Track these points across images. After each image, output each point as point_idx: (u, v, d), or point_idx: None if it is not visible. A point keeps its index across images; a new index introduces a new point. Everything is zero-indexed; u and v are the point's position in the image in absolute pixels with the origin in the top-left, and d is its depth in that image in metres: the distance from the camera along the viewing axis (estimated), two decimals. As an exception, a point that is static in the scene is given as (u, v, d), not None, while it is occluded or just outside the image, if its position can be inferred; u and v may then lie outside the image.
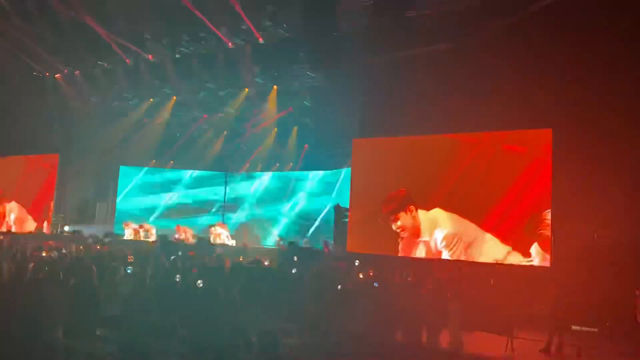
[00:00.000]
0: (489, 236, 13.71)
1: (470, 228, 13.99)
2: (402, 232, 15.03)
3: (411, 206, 15.02)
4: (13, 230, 21.96)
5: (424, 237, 14.71)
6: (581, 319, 10.19)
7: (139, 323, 6.65)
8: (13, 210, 22.78)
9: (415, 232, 14.87)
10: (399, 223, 15.08)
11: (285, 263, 13.26)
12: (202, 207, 22.74)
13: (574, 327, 10.00)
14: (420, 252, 14.70)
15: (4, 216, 22.88)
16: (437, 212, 14.64)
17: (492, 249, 13.60)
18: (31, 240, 15.89)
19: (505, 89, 13.03)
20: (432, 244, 14.54)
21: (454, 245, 14.10)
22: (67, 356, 5.46)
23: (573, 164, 12.48)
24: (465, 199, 14.27)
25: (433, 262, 13.95)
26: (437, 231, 14.49)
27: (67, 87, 19.86)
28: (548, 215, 12.96)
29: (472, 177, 14.30)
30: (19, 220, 22.48)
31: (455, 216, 14.27)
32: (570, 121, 12.53)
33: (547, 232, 12.86)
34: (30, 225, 21.90)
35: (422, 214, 14.91)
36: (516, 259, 13.17)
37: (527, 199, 13.42)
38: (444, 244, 14.25)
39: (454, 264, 13.56)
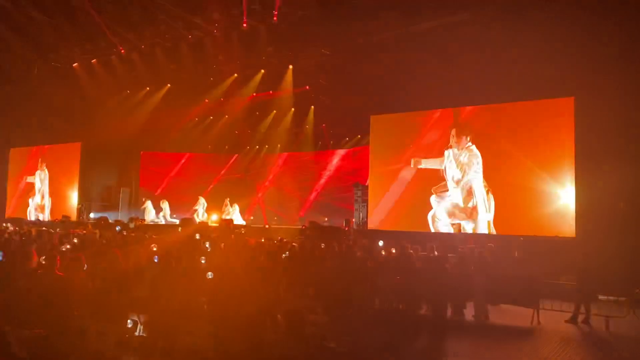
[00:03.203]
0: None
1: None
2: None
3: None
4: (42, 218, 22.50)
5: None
6: (608, 288, 10.08)
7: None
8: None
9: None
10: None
11: (307, 242, 13.33)
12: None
13: (601, 297, 9.91)
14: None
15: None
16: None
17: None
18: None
19: (526, 58, 12.79)
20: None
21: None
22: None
23: (596, 131, 12.26)
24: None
25: (456, 237, 13.93)
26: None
27: (85, 75, 20.02)
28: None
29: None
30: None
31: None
32: (592, 89, 12.26)
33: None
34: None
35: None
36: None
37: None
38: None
39: (478, 238, 13.52)
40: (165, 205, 21.01)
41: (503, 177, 14.09)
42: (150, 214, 20.62)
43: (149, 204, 20.86)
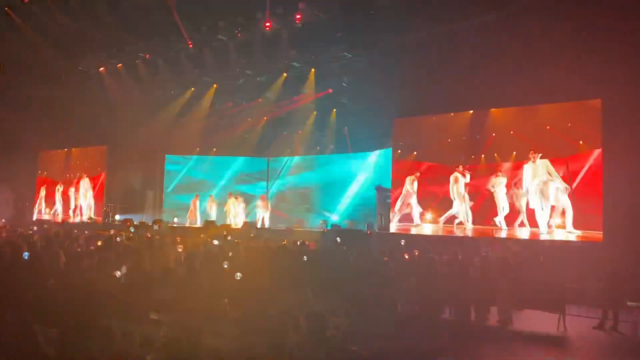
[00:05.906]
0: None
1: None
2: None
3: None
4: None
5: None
6: (637, 293, 9.86)
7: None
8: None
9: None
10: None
11: (329, 245, 13.35)
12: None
13: (629, 303, 9.70)
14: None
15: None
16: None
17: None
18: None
19: (552, 60, 12.60)
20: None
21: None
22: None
23: (623, 133, 12.01)
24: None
25: (480, 240, 13.77)
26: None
27: (111, 80, 20.38)
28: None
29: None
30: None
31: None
32: (620, 91, 12.02)
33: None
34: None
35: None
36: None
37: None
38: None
39: (502, 242, 13.35)
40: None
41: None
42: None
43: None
